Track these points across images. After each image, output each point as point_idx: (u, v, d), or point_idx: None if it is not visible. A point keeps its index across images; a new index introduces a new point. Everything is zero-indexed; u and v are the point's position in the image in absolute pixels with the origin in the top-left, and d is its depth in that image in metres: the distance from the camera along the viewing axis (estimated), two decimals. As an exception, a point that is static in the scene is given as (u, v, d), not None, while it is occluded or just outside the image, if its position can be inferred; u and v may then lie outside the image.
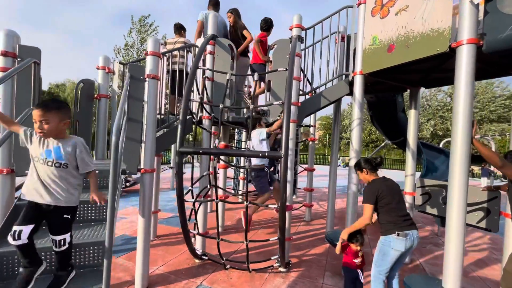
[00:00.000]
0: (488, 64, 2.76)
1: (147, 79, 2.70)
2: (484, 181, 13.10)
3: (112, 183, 1.61)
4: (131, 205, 6.32)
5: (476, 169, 20.57)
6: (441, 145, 13.54)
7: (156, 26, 17.76)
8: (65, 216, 1.69)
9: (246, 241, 2.40)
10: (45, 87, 32.72)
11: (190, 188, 2.56)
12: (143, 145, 2.76)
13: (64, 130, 1.70)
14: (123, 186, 7.46)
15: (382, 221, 2.25)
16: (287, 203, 3.23)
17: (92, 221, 2.24)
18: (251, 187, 8.19)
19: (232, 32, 4.02)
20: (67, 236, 1.69)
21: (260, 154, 2.13)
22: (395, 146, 6.68)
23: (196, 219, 2.88)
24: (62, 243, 1.67)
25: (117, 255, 3.54)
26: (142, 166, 2.74)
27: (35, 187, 1.65)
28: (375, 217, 2.46)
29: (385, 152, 31.75)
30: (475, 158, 7.33)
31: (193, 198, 2.61)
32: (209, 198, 3.02)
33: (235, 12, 4.04)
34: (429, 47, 2.47)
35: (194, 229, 3.12)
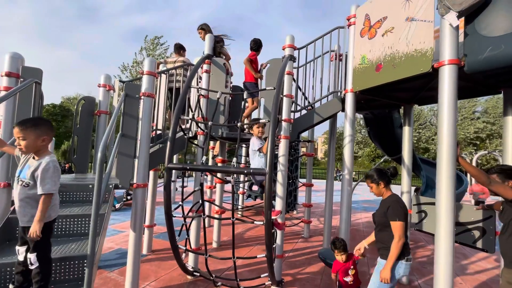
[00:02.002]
0: (476, 83, 2.79)
1: (142, 97, 2.83)
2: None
3: (96, 197, 1.67)
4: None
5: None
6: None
7: (167, 47, 18.64)
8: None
9: (234, 257, 2.40)
10: (57, 100, 33.93)
11: (180, 203, 2.61)
12: (136, 160, 2.84)
13: (43, 147, 1.69)
14: (124, 199, 7.54)
15: (389, 243, 2.07)
16: (280, 220, 3.23)
17: (82, 235, 2.29)
18: (248, 203, 8.17)
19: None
20: (32, 256, 1.64)
21: (245, 171, 2.17)
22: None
23: (188, 234, 2.91)
24: (30, 262, 1.65)
25: (110, 269, 3.55)
26: (134, 181, 2.81)
27: (16, 207, 1.69)
28: (369, 239, 2.39)
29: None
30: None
31: (183, 213, 2.64)
32: (197, 214, 3.04)
33: (206, 28, 4.18)
34: (414, 67, 2.53)
35: (186, 245, 3.12)
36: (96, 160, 2.68)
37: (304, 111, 4.10)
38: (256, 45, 3.90)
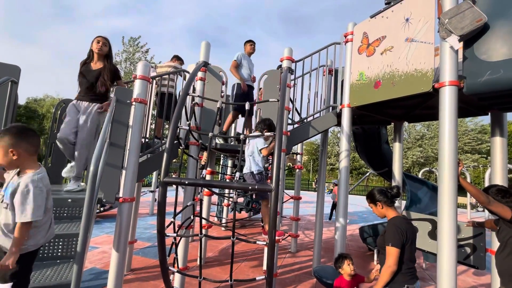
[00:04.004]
0: (468, 104, 2.92)
1: (133, 103, 2.61)
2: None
3: (86, 218, 1.44)
4: (104, 232, 5.84)
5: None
6: (420, 174, 14.02)
7: (147, 49, 18.17)
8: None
9: (231, 280, 2.21)
10: (22, 101, 31.52)
11: (172, 220, 2.39)
12: (123, 171, 2.59)
13: (19, 161, 1.39)
14: (98, 210, 6.96)
15: None
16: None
17: (57, 258, 1.98)
18: (238, 215, 7.92)
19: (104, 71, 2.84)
20: (4, 286, 1.36)
21: (250, 188, 2.03)
22: (376, 174, 6.79)
23: (176, 253, 2.66)
24: None
25: (83, 293, 3.16)
26: (121, 195, 2.55)
27: None
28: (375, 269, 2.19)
29: (367, 179, 32.38)
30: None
31: (174, 230, 2.41)
32: (191, 231, 2.81)
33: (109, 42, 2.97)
34: (414, 86, 2.58)
35: (174, 264, 2.86)
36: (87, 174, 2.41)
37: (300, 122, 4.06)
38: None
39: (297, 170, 5.76)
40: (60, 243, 1.98)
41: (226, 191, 6.95)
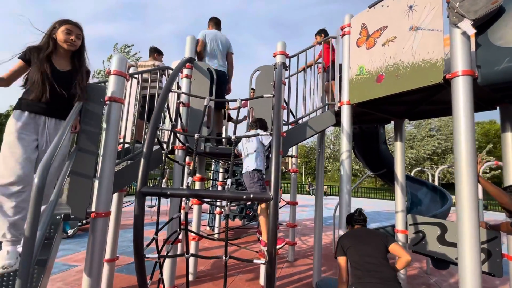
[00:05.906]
0: (476, 97, 2.70)
1: (107, 102, 2.27)
2: None
3: (28, 243, 1.09)
4: (85, 248, 5.36)
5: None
6: (412, 173, 14.00)
7: (138, 58, 17.71)
8: None
9: (224, 305, 1.89)
10: (4, 109, 30.37)
11: (154, 236, 2.05)
12: (97, 181, 2.23)
13: None
14: (79, 223, 6.45)
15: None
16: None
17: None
18: (231, 223, 7.53)
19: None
20: None
21: (245, 197, 1.73)
22: (371, 175, 6.60)
23: (161, 273, 2.31)
24: None
25: (54, 322, 2.75)
26: (93, 209, 2.18)
27: None
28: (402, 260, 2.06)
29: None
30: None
31: (157, 248, 2.07)
32: (179, 246, 2.46)
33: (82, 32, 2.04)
34: (422, 78, 2.35)
35: (159, 285, 2.50)
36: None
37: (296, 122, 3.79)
38: None
39: (293, 173, 5.48)
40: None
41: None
